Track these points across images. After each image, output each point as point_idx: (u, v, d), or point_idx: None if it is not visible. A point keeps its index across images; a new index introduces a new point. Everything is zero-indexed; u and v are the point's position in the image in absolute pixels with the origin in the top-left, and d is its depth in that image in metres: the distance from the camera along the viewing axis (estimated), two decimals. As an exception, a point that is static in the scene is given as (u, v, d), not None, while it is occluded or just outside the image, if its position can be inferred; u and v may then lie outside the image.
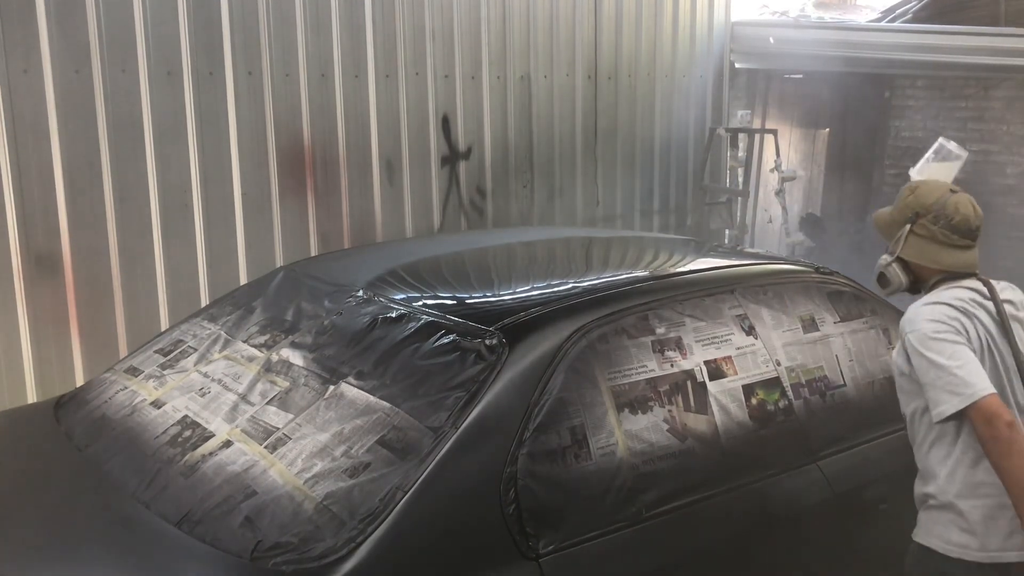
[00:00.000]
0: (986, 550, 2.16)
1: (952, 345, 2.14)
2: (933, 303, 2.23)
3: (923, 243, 2.32)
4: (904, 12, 7.48)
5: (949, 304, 2.21)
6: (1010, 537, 2.15)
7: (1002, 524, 2.15)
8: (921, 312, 2.21)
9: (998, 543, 2.16)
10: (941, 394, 2.11)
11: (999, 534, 2.16)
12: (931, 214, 2.31)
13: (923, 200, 2.33)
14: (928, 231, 2.31)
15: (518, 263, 3.22)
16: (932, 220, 2.31)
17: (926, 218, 2.32)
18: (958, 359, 2.11)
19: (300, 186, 4.64)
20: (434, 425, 2.04)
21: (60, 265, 3.95)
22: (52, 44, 3.84)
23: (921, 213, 2.32)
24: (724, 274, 2.83)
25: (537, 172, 5.68)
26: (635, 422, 2.27)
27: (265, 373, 2.43)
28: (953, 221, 2.30)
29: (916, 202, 2.34)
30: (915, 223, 2.33)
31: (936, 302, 2.23)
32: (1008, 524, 2.14)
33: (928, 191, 2.35)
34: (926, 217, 2.32)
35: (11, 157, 3.78)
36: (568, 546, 2.05)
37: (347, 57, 4.72)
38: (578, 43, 5.78)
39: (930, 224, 2.31)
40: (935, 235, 2.31)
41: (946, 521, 2.21)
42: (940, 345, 2.14)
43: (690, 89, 6.55)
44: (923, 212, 2.32)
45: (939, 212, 2.31)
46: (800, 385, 2.66)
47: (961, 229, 2.30)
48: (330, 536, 1.86)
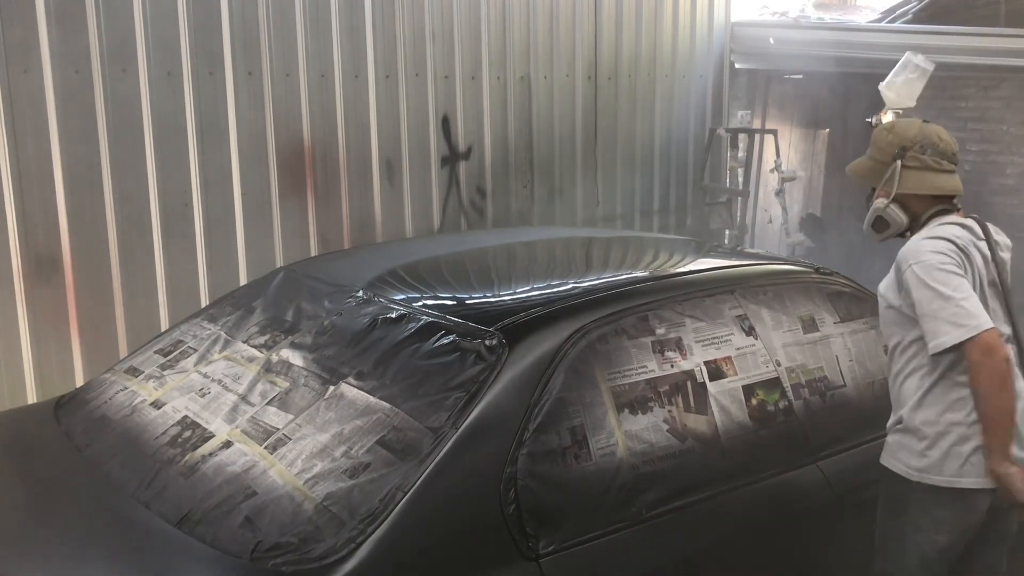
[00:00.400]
0: (943, 475, 2.27)
1: (957, 278, 2.21)
2: (935, 237, 2.29)
3: (918, 173, 2.39)
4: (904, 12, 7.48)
5: (949, 240, 2.27)
6: (965, 465, 2.25)
7: (962, 452, 2.25)
8: (923, 245, 2.28)
9: (954, 469, 2.26)
10: (943, 325, 2.17)
11: (957, 461, 2.25)
12: (917, 145, 2.39)
13: (906, 134, 2.41)
14: (920, 161, 2.39)
15: (518, 263, 3.22)
16: (920, 150, 2.39)
17: (913, 150, 2.39)
18: (963, 292, 2.19)
19: (300, 186, 4.64)
20: (434, 425, 2.04)
21: (60, 265, 3.95)
22: (52, 44, 3.84)
23: (907, 146, 2.40)
24: (724, 274, 2.83)
25: (537, 172, 5.68)
26: (635, 422, 2.27)
27: (265, 373, 2.43)
28: (939, 146, 2.40)
29: (898, 138, 2.42)
30: (904, 157, 2.40)
31: (938, 237, 2.29)
32: (967, 454, 2.24)
33: (906, 126, 2.44)
34: (913, 149, 2.39)
35: (11, 157, 3.78)
36: (568, 546, 2.05)
37: (347, 57, 4.72)
38: (578, 43, 5.78)
39: (919, 154, 2.39)
40: (927, 163, 2.39)
41: (909, 446, 2.32)
42: (946, 276, 2.20)
43: (690, 89, 6.55)
44: (909, 145, 2.40)
45: (925, 141, 2.39)
46: (800, 385, 2.66)
47: (947, 153, 2.40)
48: (330, 536, 1.86)
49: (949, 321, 2.16)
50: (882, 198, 2.43)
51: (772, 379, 2.60)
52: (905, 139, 2.40)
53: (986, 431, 2.21)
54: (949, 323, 2.16)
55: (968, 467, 2.25)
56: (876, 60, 6.41)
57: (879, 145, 2.46)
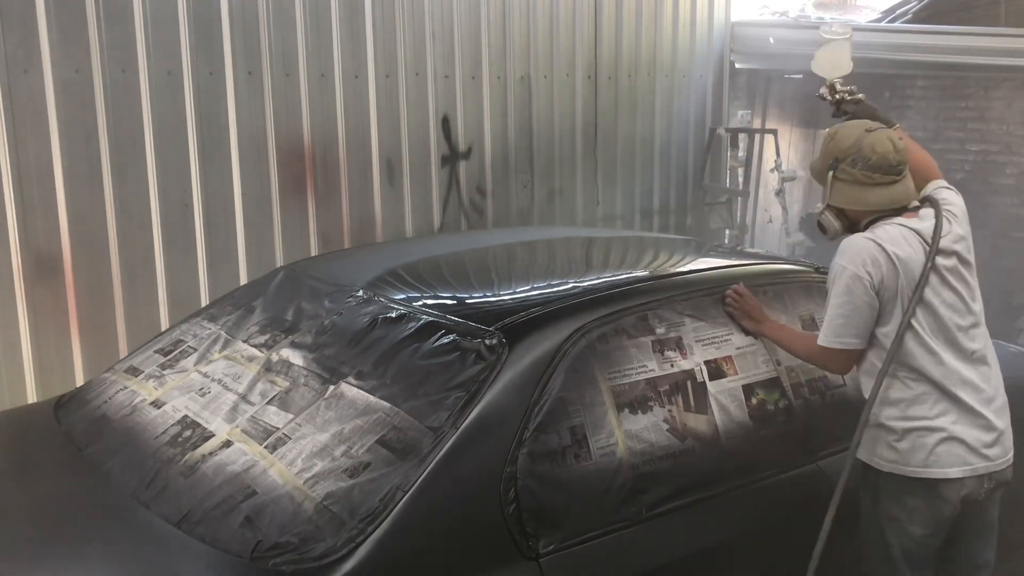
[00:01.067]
0: (911, 465, 2.32)
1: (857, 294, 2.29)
2: (867, 238, 2.33)
3: (847, 187, 2.37)
4: (904, 12, 7.48)
5: (878, 244, 2.30)
6: (931, 456, 2.30)
7: (927, 444, 2.31)
8: (855, 245, 2.33)
9: (921, 460, 2.31)
10: (828, 326, 2.35)
11: (923, 452, 2.31)
12: (849, 158, 2.35)
13: (841, 145, 2.38)
14: (849, 174, 2.36)
15: (518, 263, 3.22)
16: (851, 163, 2.35)
17: (844, 162, 2.36)
18: (851, 307, 2.30)
19: (300, 186, 4.64)
20: (434, 425, 2.04)
21: (60, 265, 3.95)
22: (52, 44, 3.84)
23: (840, 158, 2.37)
24: (724, 274, 2.83)
25: (537, 172, 5.68)
26: (635, 422, 2.27)
27: (265, 373, 2.42)
28: (871, 161, 2.33)
29: (835, 147, 2.39)
30: (836, 169, 2.38)
31: (868, 238, 2.33)
32: (932, 445, 2.31)
33: (845, 135, 2.39)
34: (844, 161, 2.36)
35: (11, 157, 3.78)
36: (568, 546, 2.05)
37: (347, 57, 4.72)
38: (578, 43, 5.78)
39: (849, 168, 2.36)
40: (857, 177, 2.35)
41: (881, 438, 2.37)
42: (850, 288, 2.30)
43: (690, 89, 6.55)
44: (841, 157, 2.37)
45: (856, 155, 2.34)
46: (800, 385, 2.66)
47: (881, 167, 2.33)
48: (330, 536, 1.86)
49: (831, 326, 2.34)
50: (820, 204, 2.46)
51: (772, 379, 2.60)
52: (839, 150, 2.38)
53: (777, 339, 2.55)
54: (831, 328, 2.34)
55: (934, 458, 2.31)
56: (876, 60, 6.41)
57: (823, 151, 2.46)
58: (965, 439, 2.31)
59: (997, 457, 2.34)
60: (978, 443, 2.32)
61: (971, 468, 2.31)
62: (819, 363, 2.50)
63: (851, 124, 2.44)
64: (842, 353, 2.36)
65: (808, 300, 2.85)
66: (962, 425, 2.31)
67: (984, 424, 2.33)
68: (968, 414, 2.32)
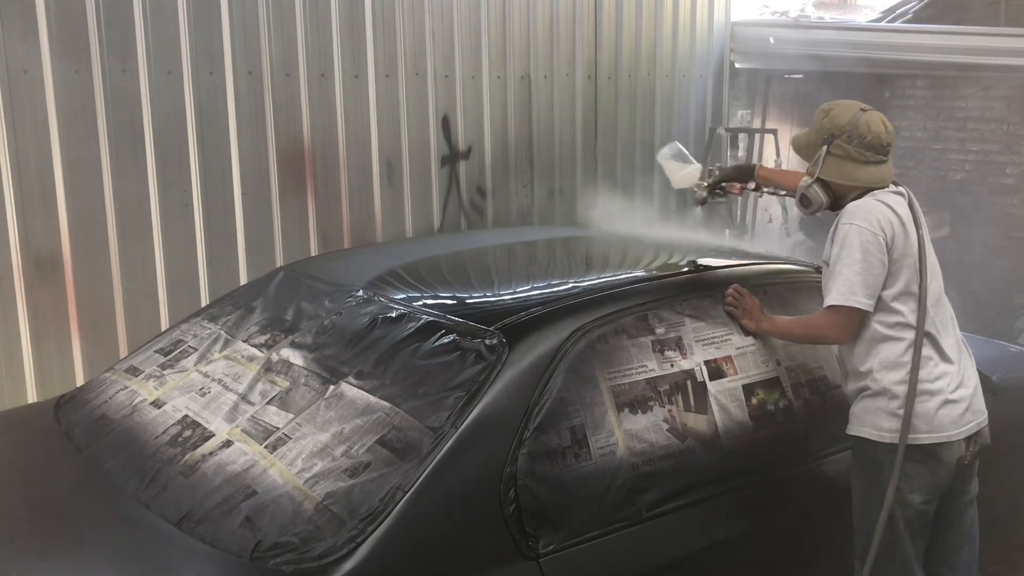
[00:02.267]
0: (914, 432, 2.35)
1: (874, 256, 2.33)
2: (881, 202, 2.41)
3: (840, 162, 2.46)
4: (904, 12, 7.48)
5: (891, 208, 2.40)
6: (933, 421, 2.36)
7: (930, 409, 2.36)
8: (870, 208, 2.39)
9: (924, 427, 2.36)
10: (840, 285, 2.34)
11: (926, 419, 2.36)
12: (845, 134, 2.44)
13: (837, 121, 2.46)
14: (844, 150, 2.45)
15: (518, 263, 3.22)
16: (847, 140, 2.44)
17: (841, 138, 2.45)
18: (868, 268, 2.33)
19: (300, 186, 4.64)
20: (434, 425, 2.04)
21: (60, 265, 3.95)
22: (52, 44, 3.83)
23: (836, 134, 2.45)
24: (724, 274, 2.83)
25: (537, 172, 5.67)
26: (635, 422, 2.27)
27: (265, 373, 2.42)
28: (866, 139, 2.43)
29: (831, 123, 2.47)
30: (831, 144, 2.46)
31: (877, 200, 2.41)
32: (934, 409, 2.36)
33: (841, 112, 2.48)
34: (841, 137, 2.45)
35: (11, 157, 3.78)
36: (568, 546, 2.05)
37: (347, 57, 4.72)
38: (578, 43, 5.78)
39: (845, 144, 2.44)
40: (851, 154, 2.44)
41: (878, 408, 2.39)
42: (867, 248, 2.33)
43: (690, 89, 6.54)
44: (838, 133, 2.45)
45: (852, 131, 2.44)
46: (800, 385, 2.66)
47: (874, 146, 2.44)
48: (330, 536, 1.86)
49: (846, 283, 2.33)
50: (807, 176, 2.52)
51: (772, 378, 2.60)
52: (836, 126, 2.46)
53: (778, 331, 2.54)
54: (845, 285, 2.33)
55: (936, 423, 2.36)
56: (876, 60, 6.41)
57: (815, 126, 2.52)
58: (959, 401, 2.40)
59: (979, 413, 2.46)
60: (966, 403, 2.42)
61: (965, 429, 2.40)
62: (824, 333, 2.45)
63: (846, 102, 2.52)
64: (854, 314, 2.36)
65: (808, 300, 2.85)
66: (955, 387, 2.41)
67: (970, 383, 2.45)
68: (957, 376, 2.43)
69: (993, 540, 3.00)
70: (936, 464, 2.38)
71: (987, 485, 2.69)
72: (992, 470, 2.81)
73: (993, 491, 2.91)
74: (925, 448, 2.36)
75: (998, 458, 2.94)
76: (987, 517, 2.80)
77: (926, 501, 2.41)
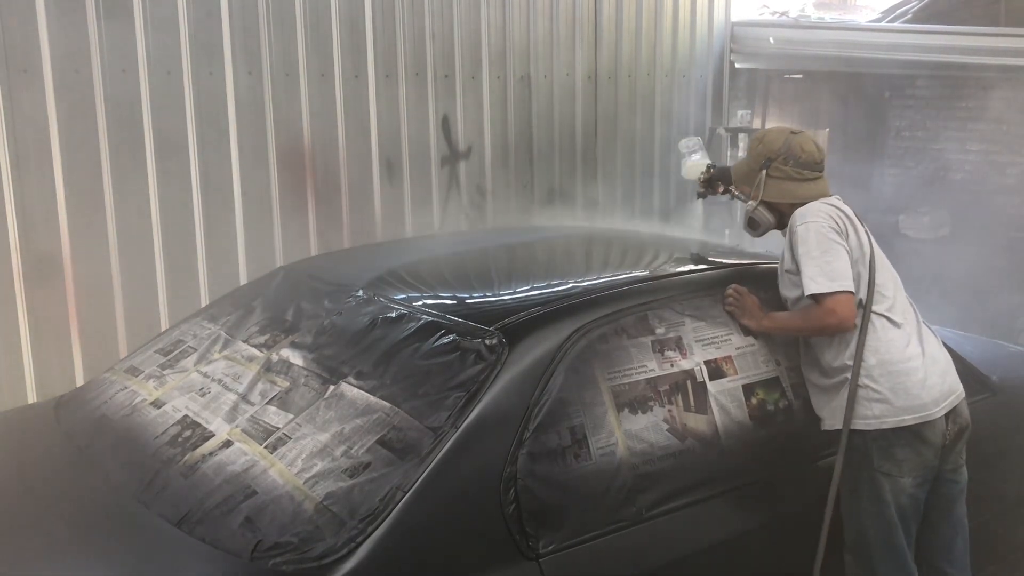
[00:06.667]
0: (897, 415, 2.42)
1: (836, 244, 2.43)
2: (827, 203, 2.55)
3: (780, 183, 2.63)
4: (904, 12, 7.49)
5: (838, 208, 2.54)
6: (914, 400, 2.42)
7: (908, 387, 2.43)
8: (817, 208, 2.51)
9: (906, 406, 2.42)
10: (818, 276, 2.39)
11: (905, 398, 2.43)
12: (781, 156, 2.62)
13: (772, 146, 2.65)
14: (782, 172, 2.63)
15: (518, 263, 3.22)
16: (783, 161, 2.62)
17: (777, 161, 2.63)
18: (836, 254, 2.41)
19: (300, 186, 4.64)
20: (434, 425, 2.04)
21: (60, 265, 3.95)
22: (52, 44, 3.84)
23: (772, 158, 2.63)
24: (724, 274, 2.83)
25: (537, 172, 5.68)
26: (635, 422, 2.27)
27: (265, 373, 2.42)
28: (801, 159, 2.62)
29: (766, 149, 2.65)
30: (769, 167, 2.64)
31: (830, 203, 2.55)
32: (913, 387, 2.43)
33: (773, 138, 2.67)
34: (776, 160, 2.63)
35: (11, 157, 3.78)
36: (568, 546, 2.05)
37: (347, 57, 4.72)
38: (578, 43, 5.78)
39: (782, 165, 2.62)
40: (789, 174, 2.62)
41: (859, 398, 2.45)
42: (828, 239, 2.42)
43: (690, 89, 6.54)
44: (774, 156, 2.63)
45: (787, 153, 2.62)
46: (800, 385, 2.66)
47: (809, 164, 2.62)
48: (330, 536, 1.86)
49: (823, 273, 2.39)
50: (752, 201, 2.67)
51: (772, 378, 2.60)
52: (771, 151, 2.63)
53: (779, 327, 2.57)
54: (823, 275, 2.39)
55: (917, 402, 2.43)
56: (876, 60, 6.42)
57: (751, 153, 2.69)
58: (933, 374, 2.47)
59: (955, 387, 2.53)
60: (942, 377, 2.50)
61: (946, 404, 2.46)
62: (824, 321, 2.43)
63: (776, 128, 2.73)
64: (845, 297, 2.39)
65: (808, 300, 2.85)
66: (927, 366, 2.48)
67: (940, 360, 2.53)
68: (926, 355, 2.50)
69: (993, 541, 3.00)
70: (922, 445, 2.43)
71: (987, 485, 2.70)
72: (992, 470, 2.82)
73: (993, 491, 2.91)
74: (911, 429, 2.42)
75: (998, 458, 2.94)
76: (987, 516, 2.81)
77: (917, 485, 2.45)
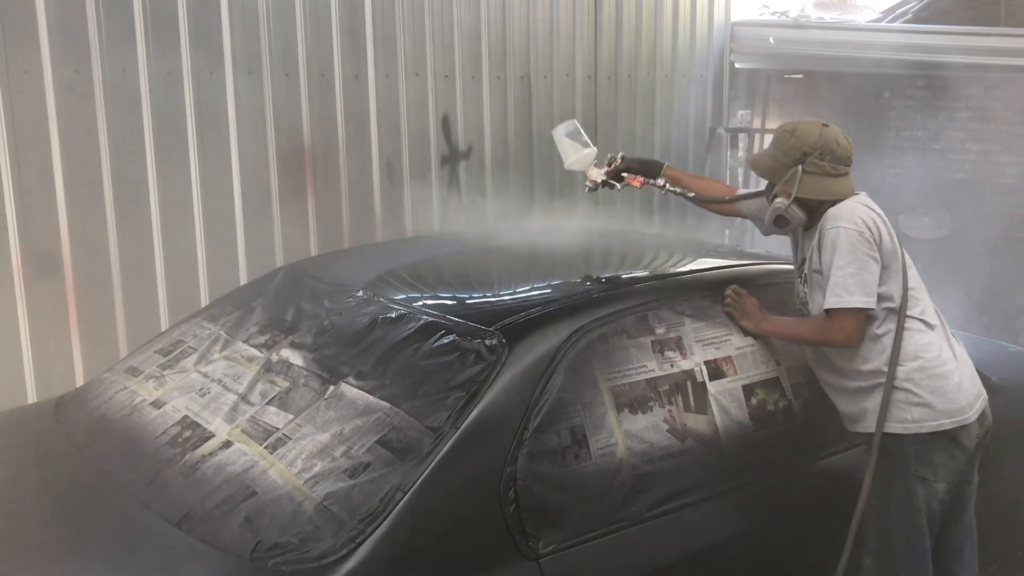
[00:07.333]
0: (936, 420, 2.38)
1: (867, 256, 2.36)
2: (862, 204, 2.46)
3: (816, 179, 2.48)
4: (904, 12, 7.48)
5: (872, 210, 2.45)
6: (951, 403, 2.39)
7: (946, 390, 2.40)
8: (855, 210, 2.42)
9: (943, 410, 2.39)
10: (844, 288, 2.34)
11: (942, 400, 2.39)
12: (817, 151, 2.47)
13: (806, 140, 2.48)
14: (818, 167, 2.48)
15: (518, 263, 3.22)
16: (819, 156, 2.47)
17: (813, 155, 2.47)
18: (864, 266, 2.35)
19: (300, 186, 4.64)
20: (434, 425, 2.04)
21: (60, 265, 3.95)
22: (52, 44, 3.83)
23: (808, 152, 2.47)
24: (724, 274, 2.83)
25: (537, 172, 5.67)
26: (635, 422, 2.27)
27: (265, 373, 2.42)
28: (836, 153, 2.49)
29: (800, 143, 2.49)
30: (804, 162, 2.47)
31: (865, 204, 2.46)
32: (950, 390, 2.40)
33: (807, 131, 2.50)
34: (812, 155, 2.47)
35: (11, 157, 3.78)
36: (568, 546, 2.05)
37: (347, 57, 4.72)
38: (578, 43, 5.78)
39: (818, 160, 2.47)
40: (826, 169, 2.48)
41: (895, 401, 2.40)
42: (861, 249, 2.35)
43: (690, 89, 6.54)
44: (809, 151, 2.47)
45: (824, 148, 2.47)
46: (800, 385, 2.66)
47: (843, 158, 2.50)
48: (330, 536, 1.86)
49: (844, 287, 2.35)
50: (783, 197, 2.50)
51: (772, 379, 2.60)
52: (806, 144, 2.48)
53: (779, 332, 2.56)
54: (844, 288, 2.34)
55: (955, 406, 2.40)
56: (876, 60, 6.41)
57: (781, 146, 2.52)
58: (966, 377, 2.46)
59: (982, 389, 2.52)
60: (972, 380, 2.48)
61: (979, 405, 2.45)
62: (829, 336, 2.43)
63: (807, 120, 2.55)
64: (857, 315, 2.36)
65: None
66: (961, 363, 2.47)
67: (967, 364, 2.52)
68: (959, 353, 2.49)
69: (994, 541, 3.00)
70: (957, 449, 2.41)
71: (987, 485, 2.70)
72: (993, 471, 2.81)
73: (994, 491, 2.91)
74: (948, 434, 2.39)
75: (999, 458, 2.94)
76: (989, 517, 2.81)
77: (949, 489, 2.43)
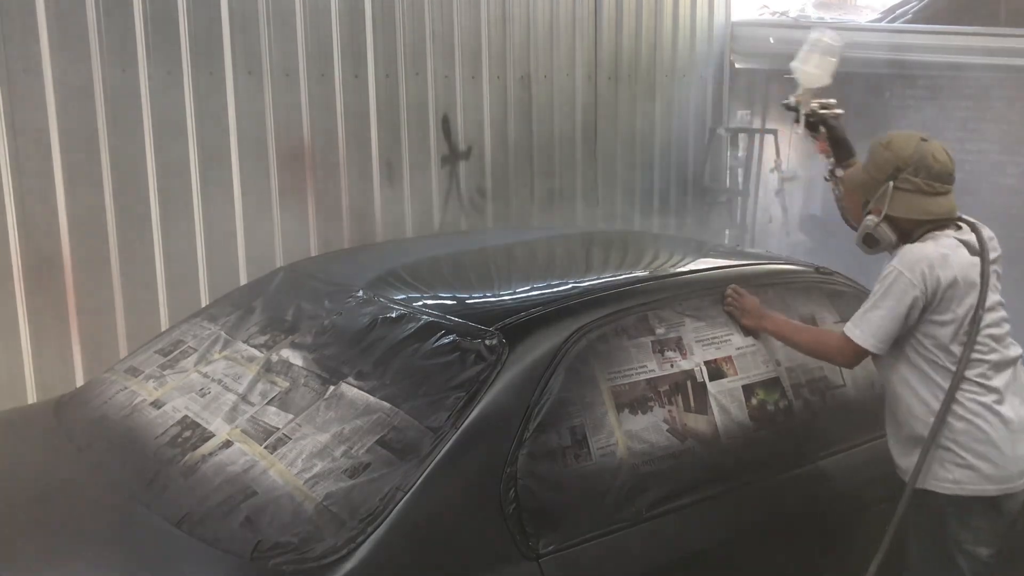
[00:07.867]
0: (977, 484, 2.25)
1: (902, 302, 2.25)
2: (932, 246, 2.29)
3: (909, 196, 2.32)
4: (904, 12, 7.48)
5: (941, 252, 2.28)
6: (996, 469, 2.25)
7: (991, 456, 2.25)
8: (915, 250, 2.28)
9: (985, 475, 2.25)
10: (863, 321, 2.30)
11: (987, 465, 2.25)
12: (911, 166, 2.31)
13: (901, 153, 2.32)
14: (912, 184, 2.31)
15: (518, 263, 3.22)
16: (913, 172, 2.31)
17: (907, 171, 2.31)
18: (890, 309, 2.26)
19: (300, 186, 4.64)
20: (434, 425, 2.04)
21: (60, 265, 3.95)
22: (52, 44, 3.83)
23: (901, 167, 2.31)
24: (724, 274, 2.83)
25: (537, 172, 5.68)
26: (635, 422, 2.27)
27: (265, 373, 2.42)
28: (934, 170, 2.30)
29: (894, 157, 2.33)
30: (897, 178, 2.32)
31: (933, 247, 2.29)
32: (995, 457, 2.25)
33: (902, 144, 2.34)
34: (906, 170, 2.31)
35: (11, 157, 3.78)
36: (568, 546, 2.05)
37: (347, 57, 4.72)
38: (578, 43, 5.78)
39: (912, 176, 2.31)
40: (919, 187, 2.31)
41: (937, 458, 2.28)
42: (898, 293, 2.25)
43: (690, 89, 6.54)
44: (903, 166, 2.31)
45: (919, 163, 2.30)
46: (800, 385, 2.66)
47: (943, 176, 2.31)
48: (330, 536, 1.86)
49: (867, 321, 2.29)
50: (873, 216, 2.36)
51: (772, 379, 2.60)
52: (900, 159, 2.32)
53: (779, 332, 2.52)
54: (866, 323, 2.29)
55: (1003, 473, 2.26)
56: (876, 60, 6.41)
57: (875, 160, 2.38)
58: (1020, 443, 2.28)
59: None
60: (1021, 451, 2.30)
61: None
62: (832, 356, 2.40)
63: (904, 133, 2.39)
64: (861, 352, 2.32)
65: (808, 300, 2.85)
66: (1018, 427, 2.28)
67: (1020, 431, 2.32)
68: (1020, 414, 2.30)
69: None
70: (999, 517, 2.29)
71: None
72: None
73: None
74: (986, 500, 2.26)
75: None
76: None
77: (992, 553, 2.29)
